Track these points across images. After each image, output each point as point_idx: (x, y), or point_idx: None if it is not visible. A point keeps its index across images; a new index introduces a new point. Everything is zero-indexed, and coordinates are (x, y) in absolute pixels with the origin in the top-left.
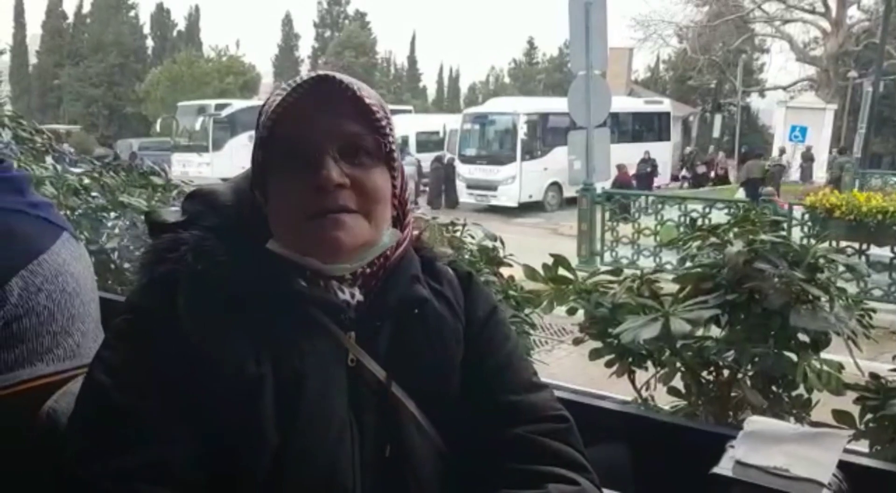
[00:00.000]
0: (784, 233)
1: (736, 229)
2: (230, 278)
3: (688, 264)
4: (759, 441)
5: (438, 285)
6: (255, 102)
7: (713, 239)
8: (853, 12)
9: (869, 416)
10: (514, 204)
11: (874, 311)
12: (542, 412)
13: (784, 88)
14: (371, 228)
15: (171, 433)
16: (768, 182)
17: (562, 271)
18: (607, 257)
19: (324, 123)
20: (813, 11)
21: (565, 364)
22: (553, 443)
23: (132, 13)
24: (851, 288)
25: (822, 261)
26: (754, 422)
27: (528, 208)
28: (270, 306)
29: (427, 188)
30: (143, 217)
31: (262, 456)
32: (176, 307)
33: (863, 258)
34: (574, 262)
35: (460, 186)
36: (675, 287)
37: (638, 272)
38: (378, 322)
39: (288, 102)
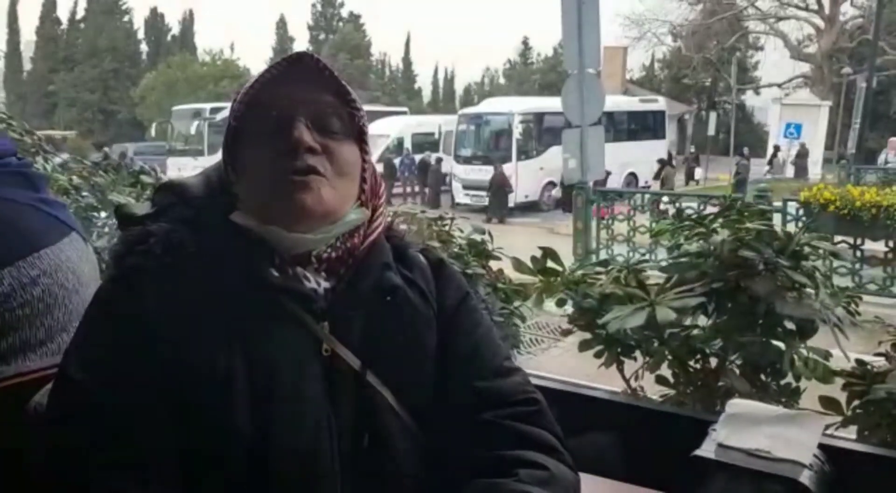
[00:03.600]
0: (769, 221)
1: (722, 219)
2: (199, 270)
3: (675, 253)
4: (741, 424)
5: (410, 273)
6: None
7: (700, 229)
8: (846, 9)
9: (856, 402)
10: (510, 204)
11: (860, 297)
12: (512, 396)
13: (779, 86)
14: (337, 197)
15: (147, 425)
16: (664, 185)
17: (550, 264)
18: (603, 254)
19: (298, 94)
20: (806, 8)
21: (561, 361)
22: (524, 427)
23: (126, 18)
24: (846, 282)
25: (806, 249)
26: (735, 405)
27: (524, 209)
28: (241, 297)
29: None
30: None
31: (236, 448)
32: (144, 299)
33: (857, 253)
34: (570, 261)
35: (456, 186)
36: (663, 279)
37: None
38: (351, 311)
39: (266, 78)
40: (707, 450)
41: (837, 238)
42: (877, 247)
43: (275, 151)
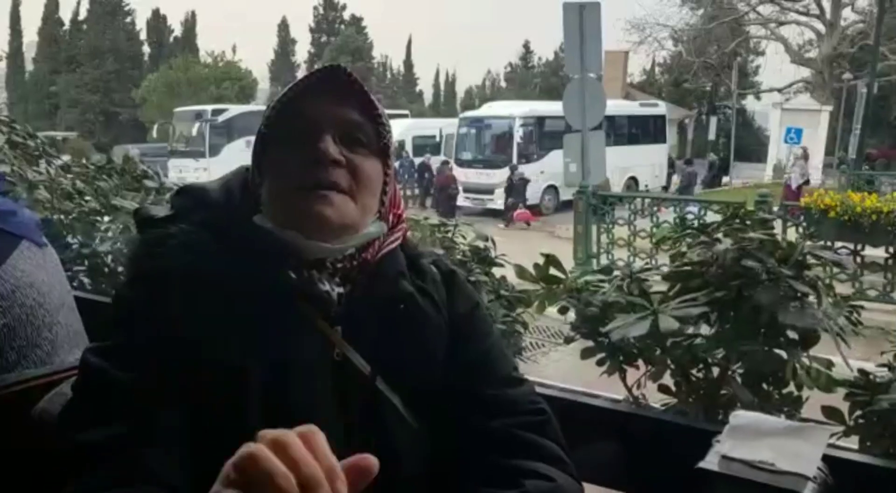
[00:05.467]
0: (772, 230)
1: (725, 228)
2: (218, 273)
3: (677, 262)
4: (745, 435)
5: (422, 282)
6: (252, 106)
7: (703, 237)
8: (847, 14)
9: (858, 412)
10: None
11: (862, 307)
12: (520, 405)
13: (779, 91)
14: (357, 211)
15: (170, 407)
16: (514, 195)
17: (553, 271)
18: (603, 259)
19: (329, 107)
20: (807, 13)
21: (563, 366)
22: (530, 436)
23: (128, 19)
24: (846, 289)
25: (809, 258)
26: (739, 416)
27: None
28: (258, 299)
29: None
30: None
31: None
32: (163, 302)
33: (858, 259)
34: (570, 265)
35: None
36: (666, 286)
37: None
38: (364, 317)
39: (299, 88)
40: (711, 462)
41: (838, 244)
42: (877, 253)
43: (300, 159)
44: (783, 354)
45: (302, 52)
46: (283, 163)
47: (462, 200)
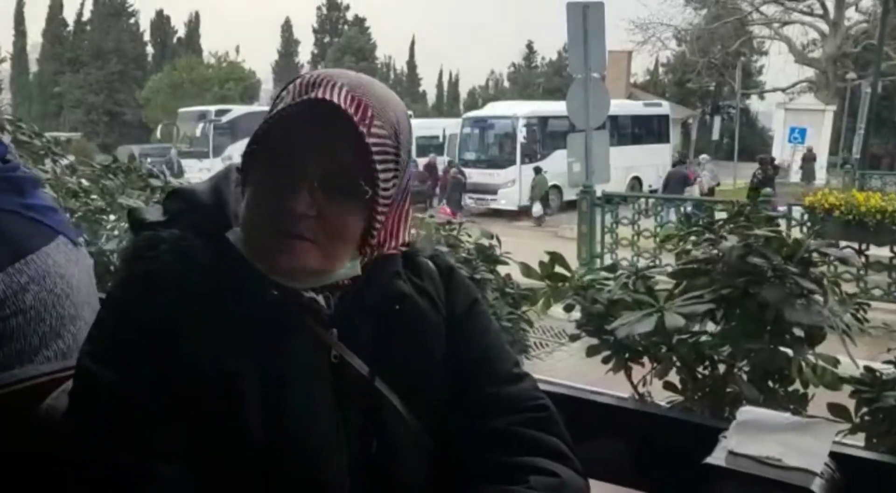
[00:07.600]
0: (777, 228)
1: (731, 225)
2: (208, 278)
3: (683, 259)
4: (752, 431)
5: (419, 280)
6: (256, 107)
7: (708, 235)
8: (851, 14)
9: (864, 409)
10: (514, 207)
11: (868, 305)
12: (522, 402)
13: (783, 90)
14: (323, 259)
15: (168, 412)
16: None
17: (558, 269)
18: (608, 259)
19: (313, 147)
20: (811, 13)
21: (567, 365)
22: (534, 433)
23: (132, 20)
24: (850, 288)
25: (815, 255)
26: (747, 412)
27: (528, 212)
28: (249, 305)
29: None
30: None
31: (246, 455)
32: (153, 304)
33: (862, 258)
34: (574, 265)
35: None
36: (671, 284)
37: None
38: (359, 319)
39: (286, 113)
40: (718, 458)
41: (842, 243)
42: (881, 252)
43: (273, 197)
44: (789, 351)
45: (305, 52)
46: (259, 192)
47: (465, 200)
